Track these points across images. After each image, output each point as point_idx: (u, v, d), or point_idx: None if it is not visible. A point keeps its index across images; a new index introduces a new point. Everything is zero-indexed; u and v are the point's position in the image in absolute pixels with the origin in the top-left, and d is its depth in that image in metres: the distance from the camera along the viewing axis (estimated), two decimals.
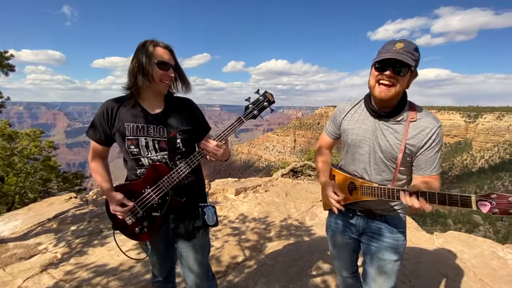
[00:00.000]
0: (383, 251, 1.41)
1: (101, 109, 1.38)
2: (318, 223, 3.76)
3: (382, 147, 1.30)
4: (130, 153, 1.37)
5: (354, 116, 1.43)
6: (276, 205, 4.21)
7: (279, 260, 2.79)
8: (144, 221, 1.44)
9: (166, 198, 1.39)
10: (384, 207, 1.40)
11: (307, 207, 4.27)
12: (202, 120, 1.54)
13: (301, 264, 2.72)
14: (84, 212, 4.15)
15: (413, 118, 1.26)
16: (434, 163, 1.25)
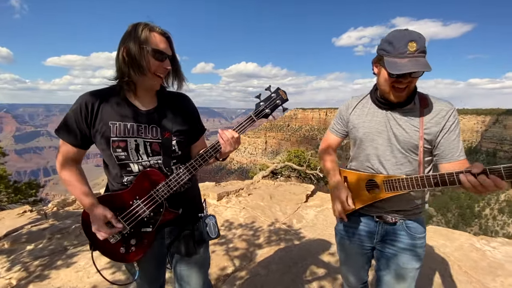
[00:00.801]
0: (404, 259, 1.31)
1: (77, 104, 1.11)
2: (305, 225, 3.68)
3: (398, 137, 1.23)
4: (116, 157, 1.12)
5: (362, 110, 1.36)
6: (262, 209, 4.06)
7: (272, 269, 2.63)
8: (131, 239, 1.18)
9: (160, 210, 1.16)
10: (412, 204, 1.30)
11: (293, 209, 4.18)
12: (198, 119, 1.35)
13: (295, 271, 2.59)
14: (42, 228, 3.60)
15: (426, 104, 1.21)
16: (459, 146, 1.18)
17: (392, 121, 1.25)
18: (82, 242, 2.99)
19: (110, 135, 1.10)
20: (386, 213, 1.32)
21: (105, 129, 1.10)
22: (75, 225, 3.23)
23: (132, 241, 1.19)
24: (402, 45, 1.08)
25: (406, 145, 1.23)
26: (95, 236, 1.16)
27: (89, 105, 1.10)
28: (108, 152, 1.12)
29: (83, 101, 1.10)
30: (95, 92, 1.15)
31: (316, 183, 6.60)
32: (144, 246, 1.21)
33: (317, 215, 4.05)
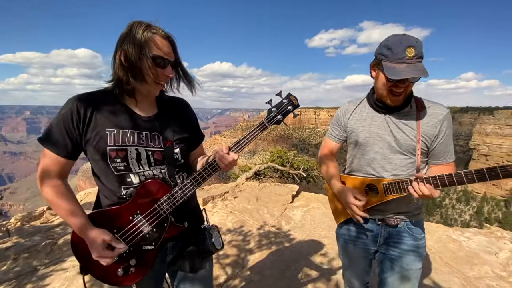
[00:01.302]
0: (408, 260, 1.33)
1: (67, 109, 0.98)
2: (294, 226, 3.68)
3: (399, 140, 1.25)
4: (113, 168, 1.00)
5: (361, 115, 1.37)
6: (249, 212, 3.99)
7: (265, 274, 2.58)
8: (130, 259, 1.06)
9: (164, 225, 1.07)
10: (409, 209, 1.32)
11: (280, 211, 4.17)
12: (198, 125, 1.28)
13: (289, 275, 2.57)
14: (5, 247, 3.20)
15: (422, 107, 1.25)
16: (450, 150, 1.26)
17: (392, 125, 1.27)
18: (55, 260, 2.70)
19: (107, 143, 0.98)
20: (388, 216, 1.34)
21: (100, 137, 0.98)
22: (45, 242, 2.92)
23: (132, 261, 1.06)
24: (400, 50, 1.10)
25: (406, 148, 1.25)
26: (87, 258, 1.03)
27: (81, 110, 0.97)
28: (103, 162, 0.99)
29: (74, 105, 0.97)
30: (87, 95, 1.03)
31: (299, 183, 6.69)
32: (145, 266, 1.09)
33: (304, 216, 4.08)
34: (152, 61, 0.95)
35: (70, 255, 2.79)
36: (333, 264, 2.76)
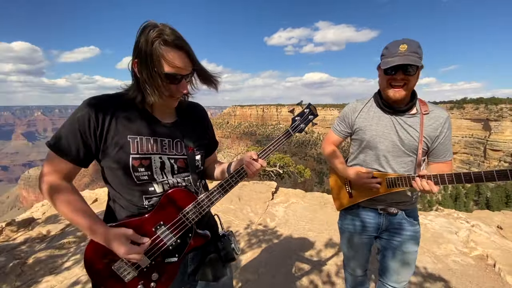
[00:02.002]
0: (406, 244, 1.47)
1: (84, 112, 0.89)
2: (279, 223, 3.78)
3: (404, 140, 1.36)
4: (136, 178, 0.93)
5: (368, 114, 1.46)
6: (234, 212, 3.98)
7: (261, 272, 2.62)
8: (152, 273, 1.00)
9: (189, 235, 1.03)
10: (406, 199, 1.46)
11: (263, 208, 4.23)
12: (213, 131, 1.27)
13: (284, 271, 2.64)
14: None
15: (426, 111, 1.37)
16: (449, 149, 1.40)
17: (397, 125, 1.38)
18: (28, 282, 2.39)
19: (130, 151, 0.91)
20: (388, 205, 1.46)
21: (121, 145, 0.91)
22: (13, 263, 2.56)
23: (154, 275, 1.00)
24: (394, 47, 1.24)
25: (409, 147, 1.37)
26: (102, 275, 0.95)
27: (100, 114, 0.90)
28: (124, 172, 0.92)
29: (91, 109, 0.90)
30: (106, 98, 0.95)
31: (275, 179, 6.84)
32: (167, 280, 1.03)
33: (286, 211, 4.20)
34: (164, 79, 0.88)
35: (44, 275, 2.50)
36: (321, 256, 2.91)
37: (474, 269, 2.69)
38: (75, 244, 3.16)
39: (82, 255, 2.94)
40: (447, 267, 2.70)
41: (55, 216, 3.94)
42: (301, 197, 4.88)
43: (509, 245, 3.02)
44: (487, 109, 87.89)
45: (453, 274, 2.59)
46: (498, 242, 3.08)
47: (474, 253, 2.92)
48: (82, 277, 2.50)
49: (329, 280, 2.49)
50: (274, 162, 7.40)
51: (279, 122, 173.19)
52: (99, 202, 4.86)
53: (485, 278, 2.54)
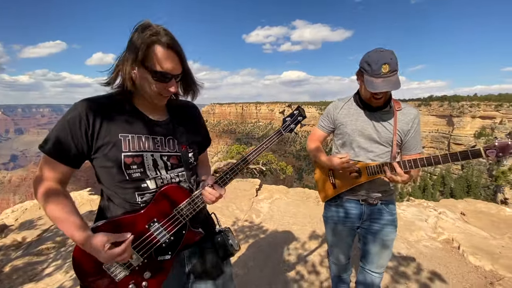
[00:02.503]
0: (386, 231, 1.63)
1: (75, 113, 0.91)
2: (265, 218, 3.88)
3: (381, 133, 1.52)
4: (128, 175, 0.95)
5: (348, 110, 1.60)
6: (219, 210, 4.01)
7: (249, 266, 2.70)
8: (144, 272, 0.99)
9: (182, 232, 1.03)
10: (384, 188, 1.62)
11: (248, 205, 4.31)
12: (206, 129, 1.29)
13: (271, 264, 2.75)
14: None
15: (399, 108, 1.54)
16: (419, 142, 1.58)
17: (374, 121, 1.54)
18: None
19: (122, 149, 0.93)
20: (368, 196, 1.61)
21: (113, 143, 0.93)
22: None
23: (146, 274, 0.99)
24: (377, 67, 1.34)
25: (385, 140, 1.53)
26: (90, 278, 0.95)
27: (91, 115, 0.91)
28: (117, 170, 0.94)
29: (83, 110, 0.91)
30: (96, 99, 0.96)
31: (259, 176, 6.93)
32: (160, 279, 1.02)
33: (271, 207, 4.32)
34: (155, 77, 0.90)
35: (24, 283, 2.39)
36: (306, 248, 3.06)
37: (442, 252, 2.97)
38: (55, 250, 3.04)
39: (63, 261, 2.84)
40: (418, 252, 2.96)
41: (30, 222, 3.74)
42: (284, 193, 5.02)
43: (471, 229, 3.36)
44: (450, 106, 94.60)
45: (424, 258, 2.84)
46: (461, 226, 3.42)
47: (441, 237, 3.22)
48: (65, 283, 2.43)
49: (314, 270, 2.63)
50: (257, 160, 7.51)
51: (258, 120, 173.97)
52: (77, 205, 4.65)
53: (451, 259, 2.82)
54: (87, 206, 4.49)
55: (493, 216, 3.68)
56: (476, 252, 2.83)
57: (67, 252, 2.98)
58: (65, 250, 3.02)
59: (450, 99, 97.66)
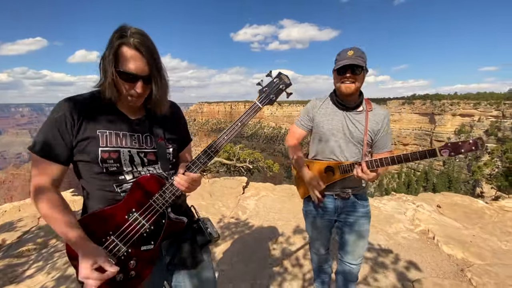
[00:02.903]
0: (360, 222, 1.73)
1: (60, 112, 0.95)
2: (251, 215, 3.94)
3: (353, 132, 1.61)
4: (105, 169, 0.98)
5: (326, 110, 1.69)
6: (205, 208, 4.04)
7: (234, 261, 2.75)
8: (129, 261, 1.01)
9: (162, 222, 1.05)
10: (356, 185, 1.71)
11: (234, 203, 4.35)
12: (186, 127, 1.32)
13: (256, 258, 2.81)
14: None
15: (370, 109, 1.64)
16: (389, 141, 1.68)
17: (348, 120, 1.62)
18: None
19: (99, 145, 0.96)
20: (342, 191, 1.70)
21: (92, 138, 0.97)
22: None
23: (131, 263, 1.03)
24: (344, 53, 1.51)
25: (357, 139, 1.62)
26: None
27: (74, 113, 0.95)
28: (95, 164, 0.97)
29: (67, 108, 0.95)
30: (78, 98, 1.00)
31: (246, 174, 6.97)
32: (146, 268, 1.06)
33: (257, 204, 4.38)
34: (120, 77, 0.92)
35: (4, 285, 2.35)
36: (290, 242, 3.14)
37: (418, 242, 3.13)
38: (36, 251, 2.98)
39: (45, 262, 2.80)
40: (397, 243, 3.10)
41: (10, 224, 3.63)
42: (270, 190, 5.09)
43: (445, 221, 3.55)
44: (432, 104, 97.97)
45: (401, 248, 2.99)
46: (437, 218, 3.60)
47: (418, 229, 3.39)
48: (47, 283, 2.40)
49: (298, 263, 2.71)
50: (244, 157, 7.57)
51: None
52: None
53: (426, 249, 2.98)
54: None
55: (466, 208, 3.90)
56: (449, 241, 3.01)
57: (49, 253, 2.93)
58: (46, 252, 2.96)
59: (432, 97, 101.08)
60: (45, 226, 3.67)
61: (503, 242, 3.06)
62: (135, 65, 0.92)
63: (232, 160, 7.41)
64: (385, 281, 2.41)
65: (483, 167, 9.32)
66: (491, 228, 3.35)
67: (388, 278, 2.46)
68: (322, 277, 2.10)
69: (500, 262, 2.66)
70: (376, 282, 2.40)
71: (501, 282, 2.34)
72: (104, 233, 0.98)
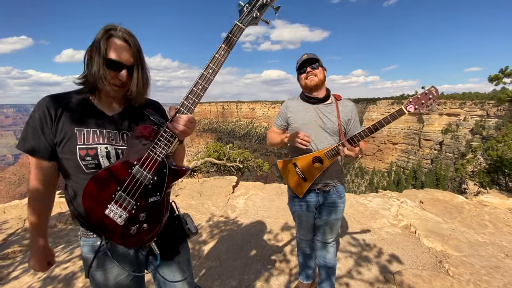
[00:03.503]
0: (337, 211, 1.88)
1: (40, 110, 1.00)
2: (240, 213, 3.99)
3: (327, 124, 1.74)
4: (84, 166, 1.02)
5: (297, 107, 1.82)
6: (195, 207, 4.07)
7: (223, 258, 2.80)
8: (140, 214, 1.05)
9: (164, 171, 1.05)
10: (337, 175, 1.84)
11: (224, 202, 4.39)
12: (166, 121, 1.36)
13: (244, 254, 2.86)
14: None
15: (340, 98, 1.80)
16: (359, 127, 1.80)
17: (320, 113, 1.76)
18: None
19: (77, 142, 1.01)
20: (323, 185, 1.83)
21: (70, 136, 1.01)
22: None
23: (141, 216, 1.05)
24: (300, 58, 1.74)
25: (331, 130, 1.74)
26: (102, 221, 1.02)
27: (52, 110, 1.00)
28: (74, 161, 1.02)
29: (45, 106, 1.00)
30: (58, 96, 1.06)
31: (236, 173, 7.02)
32: (157, 220, 1.08)
33: (246, 202, 4.43)
34: (105, 64, 0.97)
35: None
36: (278, 238, 3.21)
37: (401, 236, 3.25)
38: (22, 253, 2.95)
39: None
40: (381, 238, 3.21)
41: None
42: (260, 188, 5.15)
43: (427, 215, 3.69)
44: None
45: (385, 242, 3.10)
46: (419, 213, 3.74)
47: (401, 224, 3.51)
48: (34, 284, 2.39)
49: (285, 259, 2.78)
50: (234, 157, 7.61)
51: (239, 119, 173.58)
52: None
53: (408, 243, 3.10)
54: (57, 208, 4.35)
55: (447, 203, 4.06)
56: (430, 235, 3.14)
57: None
58: None
59: None
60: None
61: (480, 234, 3.21)
62: (121, 54, 0.99)
63: (222, 159, 7.45)
64: (368, 274, 2.50)
65: (466, 164, 9.64)
66: (469, 221, 3.51)
67: (371, 271, 2.55)
68: (307, 271, 2.19)
69: (476, 254, 2.80)
70: (360, 275, 2.49)
71: (476, 272, 2.47)
72: (112, 190, 1.02)
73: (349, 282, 2.38)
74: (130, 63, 1.02)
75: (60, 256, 2.86)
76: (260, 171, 7.98)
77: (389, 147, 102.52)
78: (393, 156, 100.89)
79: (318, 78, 1.69)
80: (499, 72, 4.83)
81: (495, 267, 2.54)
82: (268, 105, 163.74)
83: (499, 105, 69.29)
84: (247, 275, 2.52)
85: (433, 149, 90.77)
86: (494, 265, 2.58)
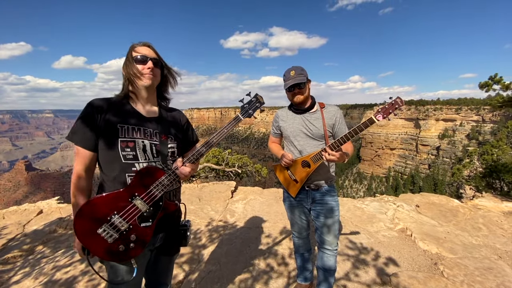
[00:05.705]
0: (330, 210, 1.96)
1: (89, 108, 1.23)
2: (239, 218, 4.03)
3: (313, 131, 1.89)
4: (123, 156, 1.22)
5: (287, 117, 2.02)
6: (194, 212, 4.10)
7: (222, 262, 2.84)
8: (130, 235, 1.20)
9: (159, 204, 1.25)
10: (326, 176, 1.95)
11: (223, 207, 4.43)
12: (189, 130, 1.56)
13: (243, 258, 2.90)
14: None
15: (323, 106, 1.94)
16: (345, 130, 1.90)
17: (306, 121, 1.91)
18: None
19: (119, 135, 1.21)
20: (313, 184, 1.95)
21: (113, 130, 1.21)
22: None
23: (132, 236, 1.20)
24: (288, 73, 1.84)
25: (317, 135, 1.88)
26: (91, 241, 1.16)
27: (99, 110, 1.23)
28: (114, 152, 1.20)
29: (94, 105, 1.23)
30: (102, 99, 1.27)
31: (235, 179, 7.05)
32: (145, 240, 1.24)
33: (245, 207, 4.47)
34: (132, 60, 1.27)
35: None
36: (276, 242, 3.25)
37: (397, 240, 3.30)
38: (22, 258, 2.97)
39: (32, 268, 2.80)
40: (378, 241, 3.27)
41: None
42: (258, 193, 5.20)
43: (422, 219, 3.76)
44: (417, 110, 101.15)
45: (381, 246, 3.15)
46: (415, 217, 3.80)
47: (397, 227, 3.57)
48: None
49: (283, 262, 2.83)
50: (233, 162, 7.67)
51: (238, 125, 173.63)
52: (45, 213, 4.50)
53: (404, 246, 3.15)
54: (56, 213, 4.36)
55: (442, 207, 4.13)
56: (425, 238, 3.20)
57: (36, 259, 2.93)
58: (33, 258, 2.96)
59: (416, 103, 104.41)
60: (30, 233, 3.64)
61: (474, 237, 3.28)
62: (145, 51, 1.29)
63: (221, 165, 7.51)
64: (366, 276, 2.55)
65: (462, 169, 9.76)
66: (464, 224, 3.58)
67: (368, 273, 2.60)
68: (305, 273, 2.25)
69: (470, 256, 2.86)
70: (357, 277, 2.54)
71: (469, 273, 2.53)
72: (109, 213, 1.16)
73: (347, 284, 2.43)
74: (153, 56, 1.30)
75: (61, 260, 2.88)
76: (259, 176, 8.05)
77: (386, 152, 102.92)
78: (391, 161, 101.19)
79: (303, 96, 1.86)
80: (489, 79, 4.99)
81: (488, 269, 2.60)
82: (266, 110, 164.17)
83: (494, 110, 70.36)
84: (247, 278, 2.56)
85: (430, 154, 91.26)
86: (488, 266, 2.64)
